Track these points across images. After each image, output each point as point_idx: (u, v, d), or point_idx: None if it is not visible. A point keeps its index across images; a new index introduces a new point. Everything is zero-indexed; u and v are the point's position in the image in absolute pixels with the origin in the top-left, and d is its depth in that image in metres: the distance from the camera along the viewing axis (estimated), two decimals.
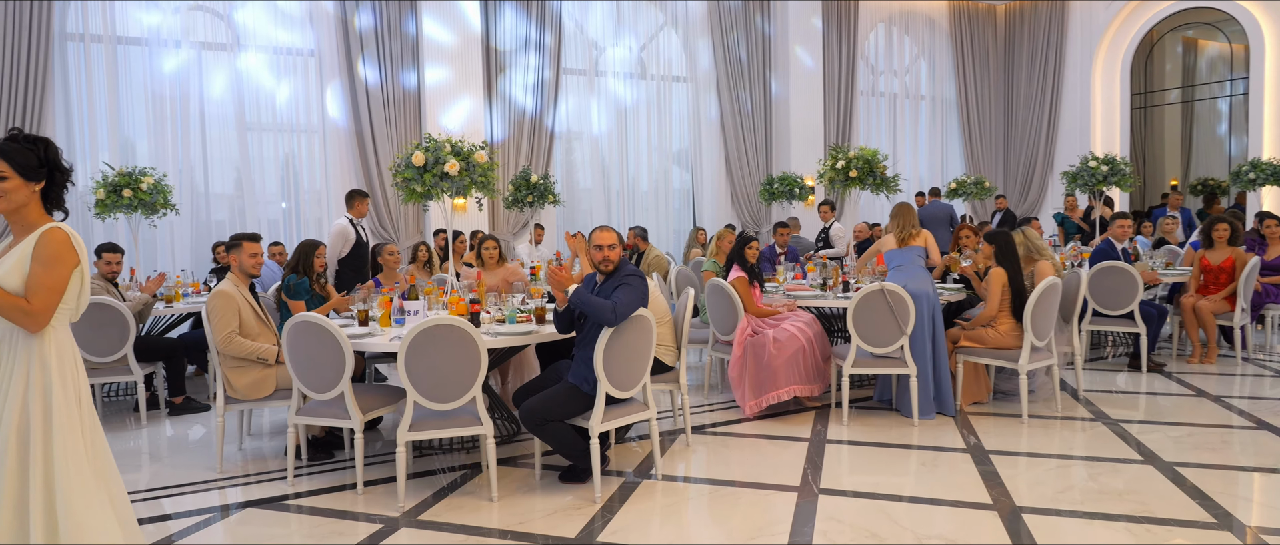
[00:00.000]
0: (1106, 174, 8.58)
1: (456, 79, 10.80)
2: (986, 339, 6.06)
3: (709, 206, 13.11)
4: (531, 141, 11.47)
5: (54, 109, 9.26)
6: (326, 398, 4.70)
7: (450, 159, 5.30)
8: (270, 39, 10.36)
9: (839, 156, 7.15)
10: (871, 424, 5.92)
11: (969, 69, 15.00)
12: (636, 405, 4.78)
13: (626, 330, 4.52)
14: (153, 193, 7.41)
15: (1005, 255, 6.06)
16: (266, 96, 10.42)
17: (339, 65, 10.53)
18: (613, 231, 4.72)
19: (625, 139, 12.72)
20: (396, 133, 10.63)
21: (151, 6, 9.72)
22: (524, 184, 9.16)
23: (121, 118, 9.67)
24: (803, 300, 6.60)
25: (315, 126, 10.65)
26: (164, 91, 9.78)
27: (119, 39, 9.64)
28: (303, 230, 10.65)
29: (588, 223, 12.38)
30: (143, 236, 8.86)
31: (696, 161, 13.27)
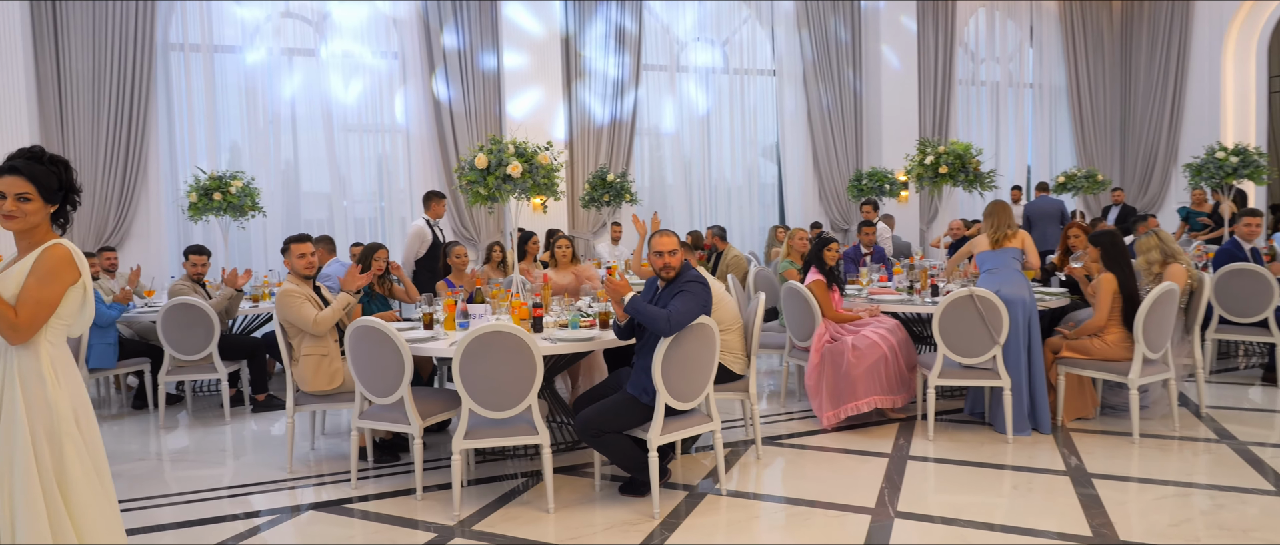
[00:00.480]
0: (1237, 166, 7.80)
1: (536, 77, 10.73)
2: (1092, 350, 5.55)
3: (796, 203, 12.68)
4: (611, 138, 11.31)
5: (158, 115, 9.62)
6: (387, 402, 4.64)
7: (513, 161, 5.16)
8: (355, 40, 10.52)
9: (928, 151, 6.69)
10: (960, 439, 5.51)
11: (1081, 53, 14.04)
12: (699, 417, 4.54)
13: (687, 339, 4.29)
14: (241, 195, 7.57)
15: (1113, 258, 5.53)
16: (352, 98, 10.58)
17: (421, 66, 10.61)
18: (672, 236, 4.49)
19: (708, 135, 12.41)
20: (476, 132, 10.65)
21: (244, 14, 10.00)
22: (600, 183, 8.99)
23: (218, 122, 9.99)
24: (886, 305, 6.21)
25: (399, 127, 10.76)
26: (257, 96, 10.05)
27: (215, 47, 9.96)
28: (389, 229, 10.80)
29: (668, 222, 12.14)
30: (237, 238, 9.12)
31: (782, 157, 12.86)
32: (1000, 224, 5.90)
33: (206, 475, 5.24)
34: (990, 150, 13.91)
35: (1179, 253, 5.83)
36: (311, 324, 5.09)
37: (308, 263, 5.34)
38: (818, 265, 6.18)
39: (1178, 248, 5.86)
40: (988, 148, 13.86)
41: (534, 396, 4.30)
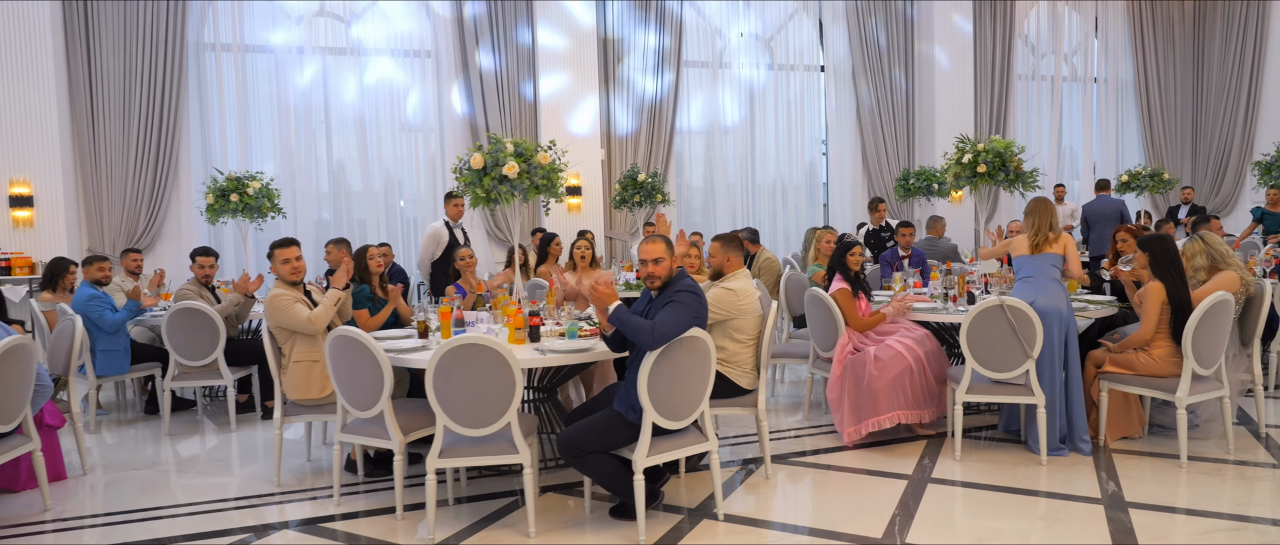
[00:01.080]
0: None
1: (572, 74, 10.51)
2: (1137, 365, 5.08)
3: (845, 204, 12.23)
4: (650, 137, 11.03)
5: (189, 116, 9.66)
6: (368, 416, 4.43)
7: (510, 161, 4.92)
8: (386, 43, 10.45)
9: (965, 149, 6.25)
10: (991, 459, 5.09)
11: (1150, 46, 13.25)
12: (692, 436, 4.23)
13: (677, 352, 3.99)
14: (258, 197, 7.50)
15: (1163, 265, 5.05)
16: (385, 98, 10.52)
17: (455, 66, 10.49)
18: (659, 243, 4.18)
19: (752, 133, 12.05)
20: (510, 130, 10.47)
21: (277, 14, 9.99)
22: (631, 183, 8.71)
23: (250, 122, 10.00)
24: (917, 314, 5.79)
25: (433, 127, 10.65)
26: (288, 97, 10.04)
27: (249, 47, 9.97)
28: (421, 230, 10.69)
29: (708, 221, 11.81)
30: (263, 239, 9.06)
31: (830, 156, 12.41)
32: (1041, 225, 5.39)
33: (194, 487, 5.11)
34: (1051, 148, 13.25)
35: (1229, 258, 5.31)
36: (306, 323, 4.93)
37: (293, 269, 5.18)
38: (841, 271, 5.82)
39: (1227, 251, 5.34)
40: (1048, 146, 13.22)
41: (513, 413, 4.04)
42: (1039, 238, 5.35)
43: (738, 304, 4.75)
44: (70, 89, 9.06)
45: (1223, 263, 5.36)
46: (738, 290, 4.77)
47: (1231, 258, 5.35)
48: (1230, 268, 5.34)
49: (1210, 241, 5.42)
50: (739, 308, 4.72)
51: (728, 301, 4.72)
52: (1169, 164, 13.32)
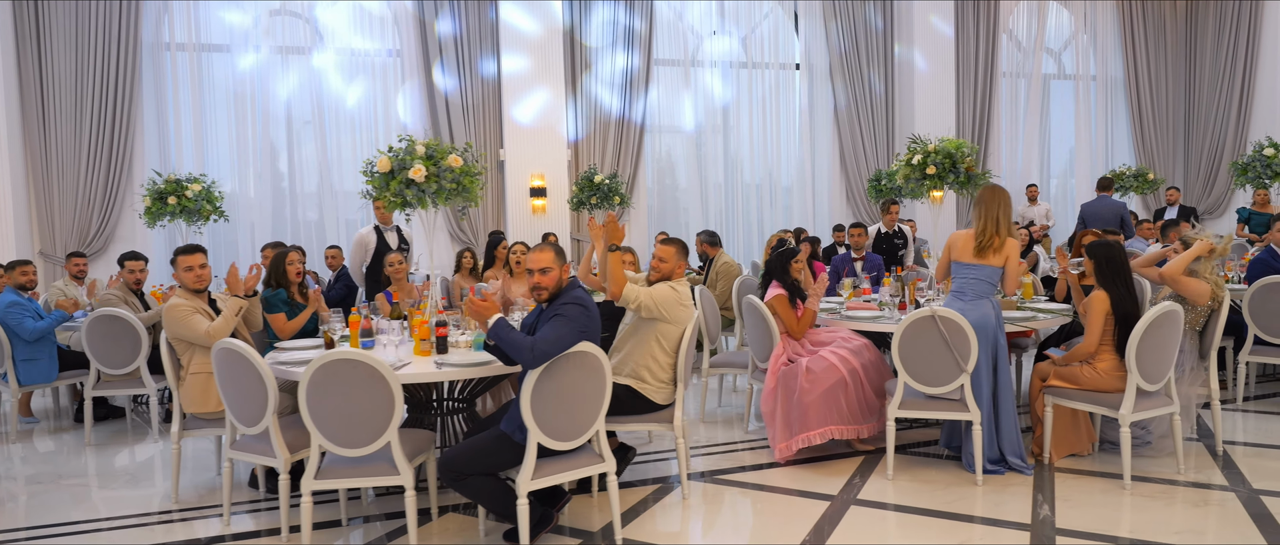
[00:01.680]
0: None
1: (537, 73, 10.25)
2: (1081, 378, 4.79)
3: (821, 205, 11.93)
4: (618, 137, 10.78)
5: (145, 117, 9.49)
6: (254, 432, 4.21)
7: (416, 164, 4.69)
8: (350, 40, 10.24)
9: (916, 149, 5.95)
10: (925, 479, 4.81)
11: (1140, 42, 12.86)
12: (587, 457, 3.97)
13: (566, 369, 3.74)
14: (198, 200, 7.30)
15: (1109, 274, 4.76)
16: (347, 98, 10.30)
17: (418, 63, 10.26)
18: (548, 251, 3.93)
19: (726, 133, 11.77)
20: (475, 130, 10.26)
21: (235, 12, 9.80)
22: (588, 184, 8.45)
23: (207, 123, 9.81)
24: (856, 322, 5.51)
25: (395, 126, 10.43)
26: (247, 95, 9.85)
27: (207, 47, 9.79)
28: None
29: (680, 223, 11.53)
30: (225, 242, 8.91)
31: (808, 156, 12.11)
32: (988, 220, 4.79)
33: (90, 503, 4.90)
34: (1038, 147, 12.89)
35: (1199, 267, 5.02)
36: (204, 335, 4.71)
37: (196, 276, 4.97)
38: (779, 278, 5.55)
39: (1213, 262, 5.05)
40: (1034, 145, 12.86)
41: (393, 432, 3.80)
42: (985, 238, 4.82)
43: (678, 303, 4.52)
44: (20, 89, 8.90)
45: (1201, 270, 5.06)
46: (680, 292, 4.54)
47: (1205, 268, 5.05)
48: (1203, 277, 5.04)
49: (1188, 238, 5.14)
50: (678, 310, 4.49)
51: (670, 299, 4.49)
52: (1160, 164, 12.95)
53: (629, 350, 4.60)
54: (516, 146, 10.14)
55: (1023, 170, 12.87)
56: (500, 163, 10.38)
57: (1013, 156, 12.87)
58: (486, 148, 10.35)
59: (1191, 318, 5.11)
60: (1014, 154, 12.90)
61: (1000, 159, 12.59)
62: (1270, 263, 6.15)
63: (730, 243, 11.62)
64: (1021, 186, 12.74)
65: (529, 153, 10.11)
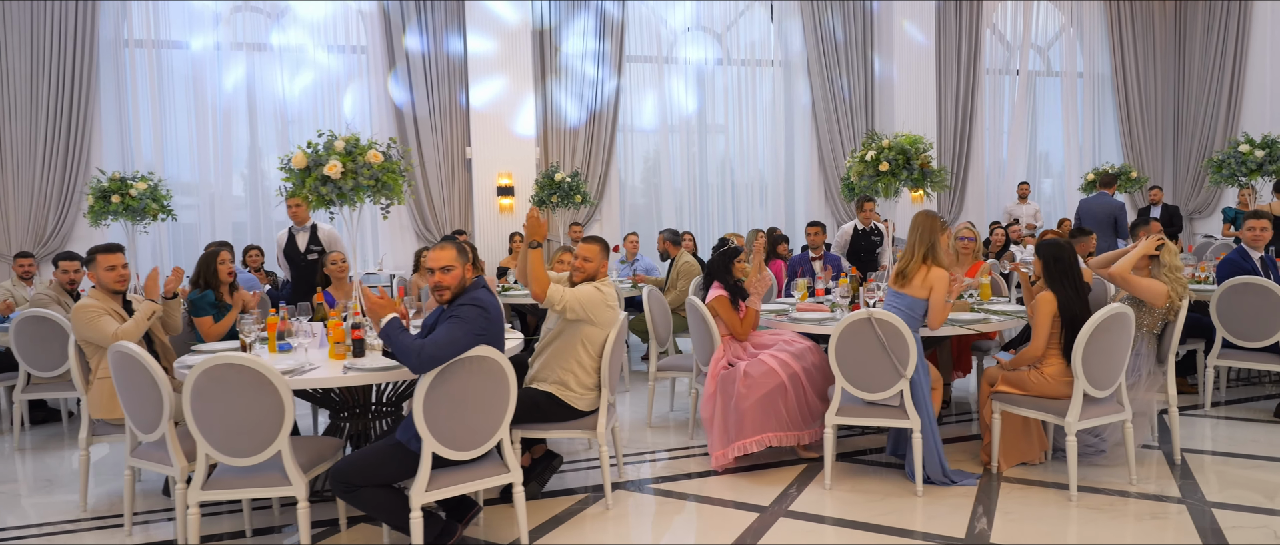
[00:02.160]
0: (1263, 162, 6.56)
1: (505, 69, 10.03)
2: (1028, 384, 4.57)
3: (799, 204, 11.70)
4: (589, 135, 10.57)
5: (103, 114, 9.32)
6: (151, 439, 4.02)
7: (332, 160, 4.49)
8: (313, 37, 10.05)
9: (870, 145, 5.73)
10: (865, 489, 4.59)
11: (1128, 39, 12.57)
12: (490, 466, 3.77)
13: (463, 374, 3.54)
14: (143, 198, 7.12)
15: (1057, 274, 4.53)
16: (310, 97, 10.13)
17: (384, 62, 10.07)
18: (450, 249, 3.72)
19: (702, 131, 11.53)
20: (441, 130, 10.06)
21: (195, 10, 9.64)
22: (548, 183, 8.24)
23: (166, 120, 9.65)
24: (803, 324, 5.28)
25: (361, 123, 10.24)
26: (207, 92, 9.68)
27: (167, 43, 9.63)
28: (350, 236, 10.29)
29: (653, 222, 11.31)
30: (182, 242, 8.74)
31: (787, 154, 11.87)
32: (914, 247, 4.60)
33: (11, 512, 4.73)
34: (1023, 145, 12.63)
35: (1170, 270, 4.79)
36: (111, 338, 4.53)
37: (118, 277, 4.79)
38: (721, 279, 5.33)
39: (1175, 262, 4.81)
40: (1020, 142, 12.60)
41: (284, 440, 3.61)
42: (904, 265, 4.61)
43: (604, 305, 4.32)
44: None
45: (1160, 272, 4.83)
46: (606, 293, 4.34)
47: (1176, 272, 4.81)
48: (1163, 279, 4.81)
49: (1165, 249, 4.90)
50: (603, 312, 4.29)
51: (595, 300, 4.30)
52: (1148, 162, 12.67)
53: (552, 355, 4.40)
54: (483, 144, 9.95)
55: (1008, 168, 12.62)
56: (467, 161, 10.19)
57: (997, 154, 12.62)
58: (453, 146, 10.16)
59: (1149, 321, 4.88)
60: (999, 152, 12.64)
61: (984, 156, 12.34)
62: (1240, 263, 5.90)
63: (705, 242, 11.40)
64: (1006, 184, 12.50)
65: (496, 151, 9.92)
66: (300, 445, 3.96)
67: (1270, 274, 5.87)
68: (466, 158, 10.17)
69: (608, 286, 4.44)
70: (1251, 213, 6.07)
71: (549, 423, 4.37)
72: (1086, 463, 4.83)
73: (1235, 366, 5.89)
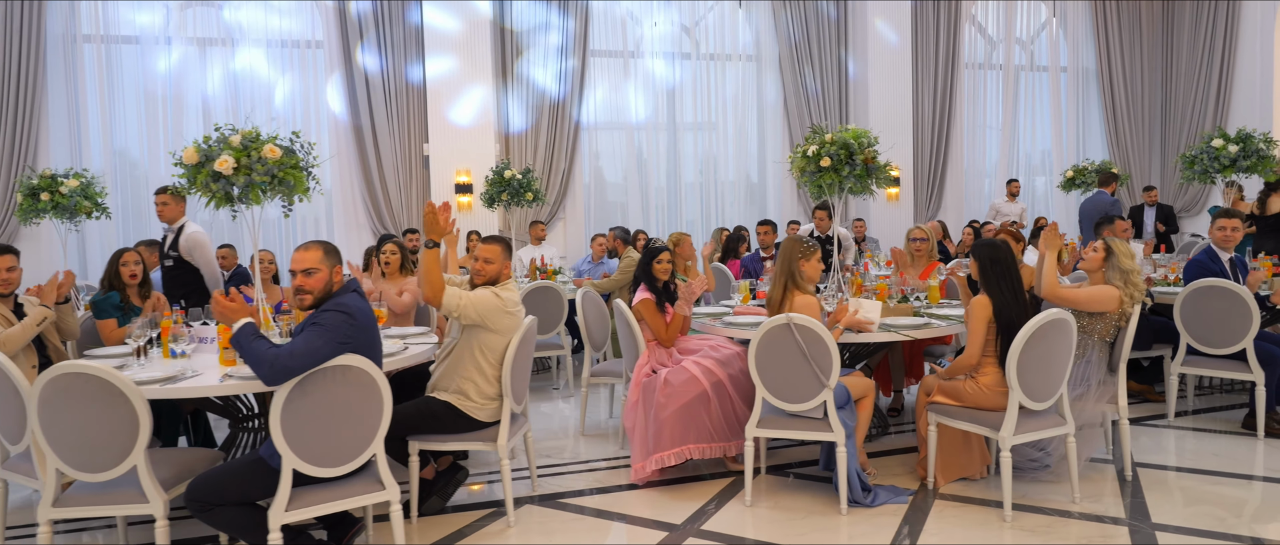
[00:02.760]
0: (1236, 157, 6.23)
1: (464, 65, 9.77)
2: (964, 394, 4.28)
3: (770, 202, 11.40)
4: (552, 132, 10.30)
5: (50, 111, 9.08)
6: (18, 450, 3.77)
7: (223, 155, 4.23)
8: (265, 31, 9.82)
9: (812, 140, 5.43)
10: (788, 506, 4.31)
11: (1114, 33, 12.23)
12: (363, 483, 3.50)
13: (327, 385, 3.28)
14: (72, 196, 6.87)
15: (992, 277, 4.25)
16: (263, 91, 9.90)
17: (338, 57, 9.81)
18: (314, 249, 3.46)
19: (671, 128, 11.23)
20: (398, 127, 9.81)
21: (146, 5, 9.41)
22: (498, 180, 7.98)
23: (114, 117, 9.41)
24: (737, 329, 4.99)
25: (315, 121, 10.00)
26: (157, 89, 9.45)
27: (118, 38, 9.39)
28: (302, 233, 10.07)
29: (619, 221, 11.01)
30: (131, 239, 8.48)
31: (759, 152, 11.57)
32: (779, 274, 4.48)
33: None
34: (1005, 141, 12.30)
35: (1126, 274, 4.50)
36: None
37: (4, 280, 4.56)
38: (646, 281, 5.06)
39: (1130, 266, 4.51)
40: (1002, 139, 12.27)
41: (140, 454, 3.35)
42: (775, 293, 4.48)
43: (503, 311, 4.04)
44: None
45: (1114, 275, 4.54)
46: (505, 298, 4.07)
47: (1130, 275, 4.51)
48: (1116, 283, 4.51)
49: (1112, 243, 4.60)
50: (502, 319, 4.01)
51: (493, 307, 4.01)
52: (1135, 158, 12.33)
53: (451, 362, 4.13)
54: (442, 141, 9.69)
55: (987, 165, 12.30)
56: (424, 158, 9.93)
57: (975, 150, 12.29)
58: (410, 142, 9.90)
59: (1101, 327, 4.59)
60: (977, 148, 12.31)
61: (963, 154, 12.02)
62: (1208, 265, 5.59)
63: None
64: (987, 181, 12.18)
65: (455, 148, 9.66)
66: (166, 458, 3.71)
67: (1240, 277, 5.56)
68: (424, 155, 9.91)
69: (508, 290, 4.16)
70: (1222, 211, 5.76)
71: (447, 434, 4.11)
72: (1029, 478, 4.54)
73: (1201, 374, 5.57)
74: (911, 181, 11.25)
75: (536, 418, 6.28)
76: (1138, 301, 4.54)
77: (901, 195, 11.09)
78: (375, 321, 3.52)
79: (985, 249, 4.30)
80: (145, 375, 3.82)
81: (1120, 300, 4.49)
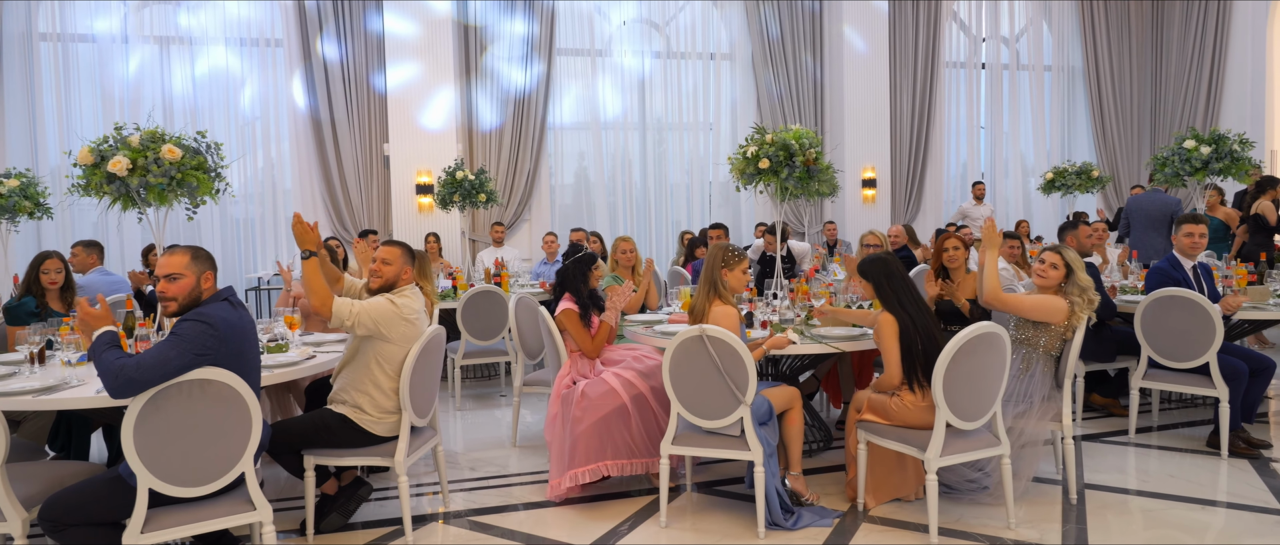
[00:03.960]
0: (1208, 159, 5.95)
1: (426, 64, 9.52)
2: (891, 411, 4.05)
3: (743, 204, 11.15)
4: (517, 131, 10.08)
5: (6, 109, 8.93)
6: None
7: (117, 156, 4.04)
8: (222, 31, 9.65)
9: (753, 140, 5.18)
10: (704, 528, 4.08)
11: (1101, 31, 11.92)
12: (231, 503, 3.29)
13: (184, 399, 3.07)
14: (11, 196, 6.70)
15: (889, 295, 4.03)
16: (221, 90, 9.73)
17: (297, 55, 9.62)
18: (181, 254, 3.25)
19: (642, 125, 10.97)
20: (358, 125, 9.62)
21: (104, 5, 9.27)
22: (450, 181, 7.77)
23: (72, 116, 9.26)
24: (661, 340, 4.75)
25: (273, 120, 9.82)
26: (114, 88, 9.29)
27: (72, 36, 9.25)
28: (261, 235, 9.89)
29: (584, 223, 10.79)
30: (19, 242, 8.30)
31: (731, 151, 11.30)
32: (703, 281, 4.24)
33: None
34: (987, 140, 12.01)
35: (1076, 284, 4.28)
36: None
37: None
38: (572, 290, 4.84)
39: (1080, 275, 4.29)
40: (984, 138, 11.99)
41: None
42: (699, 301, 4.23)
43: (400, 318, 3.82)
44: None
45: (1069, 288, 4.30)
46: (402, 305, 3.84)
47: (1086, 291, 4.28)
48: (1072, 297, 4.27)
49: (1068, 257, 4.36)
50: (399, 326, 3.79)
51: (388, 314, 3.79)
52: (1123, 159, 12.04)
53: (348, 374, 3.92)
54: (402, 141, 9.47)
55: (971, 165, 12.03)
56: (385, 158, 9.74)
57: (958, 151, 12.02)
58: (370, 142, 9.71)
59: (1046, 341, 4.35)
60: (960, 148, 12.05)
61: (943, 155, 11.75)
62: (1170, 273, 5.31)
63: (646, 243, 10.90)
64: (968, 183, 11.92)
65: (415, 147, 9.44)
66: (33, 473, 3.52)
67: (1204, 286, 5.30)
68: (384, 155, 9.72)
69: (406, 296, 3.94)
70: (1188, 217, 5.47)
71: (343, 448, 3.90)
72: (968, 501, 4.30)
73: (1164, 388, 5.31)
74: (888, 183, 10.99)
75: (476, 427, 6.08)
76: (1086, 314, 4.31)
77: (878, 197, 10.82)
78: (247, 332, 3.30)
79: (876, 266, 4.08)
80: (20, 385, 3.64)
81: (1067, 313, 4.26)
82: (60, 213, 8.24)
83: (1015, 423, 4.30)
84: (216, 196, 4.44)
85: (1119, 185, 12.04)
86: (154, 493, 3.09)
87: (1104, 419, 5.80)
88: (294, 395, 4.98)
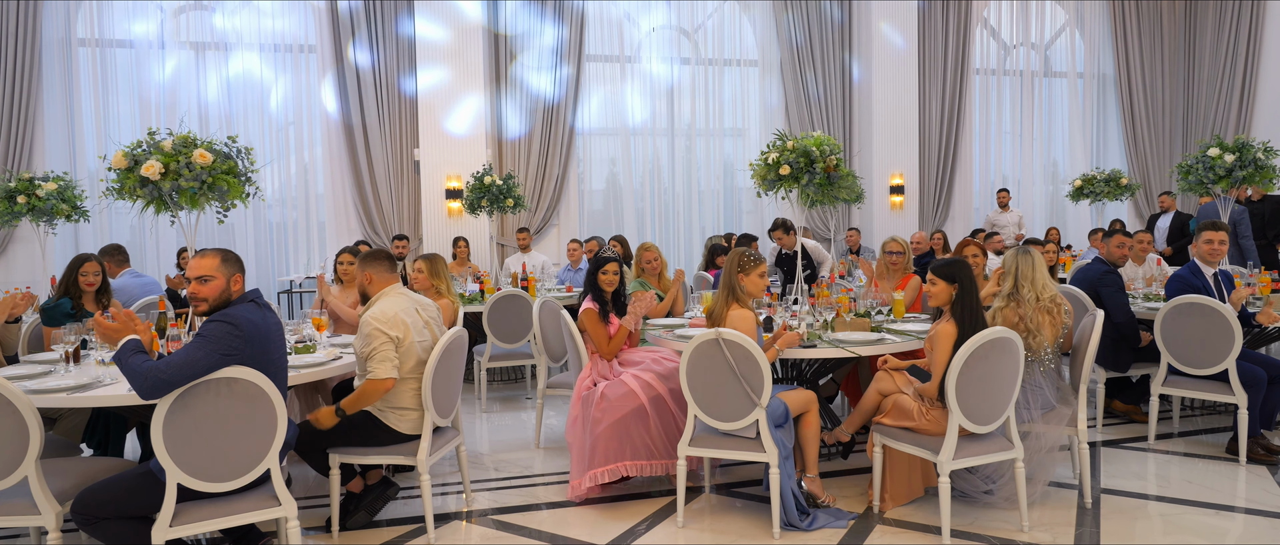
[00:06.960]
0: (1232, 167, 5.92)
1: (455, 71, 9.67)
2: (911, 415, 4.07)
3: (769, 209, 11.17)
4: (546, 137, 10.19)
5: (47, 114, 9.19)
6: None
7: (150, 160, 4.18)
8: (257, 37, 9.86)
9: (775, 146, 5.23)
10: (721, 529, 4.14)
11: (1133, 38, 11.83)
12: (257, 498, 3.40)
13: (211, 398, 3.18)
14: (49, 199, 6.91)
15: (964, 302, 4.01)
16: (255, 95, 9.94)
17: (330, 61, 9.81)
18: (211, 256, 3.37)
19: (673, 132, 11.05)
20: (389, 130, 9.78)
21: (141, 8, 9.50)
22: (479, 187, 7.87)
23: (109, 120, 9.51)
24: (682, 343, 4.82)
25: (306, 125, 10.01)
26: (150, 94, 9.53)
27: (109, 42, 9.50)
28: (291, 236, 10.08)
29: (614, 228, 10.87)
30: (147, 244, 8.54)
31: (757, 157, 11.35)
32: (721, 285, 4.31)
33: None
34: (1017, 148, 11.96)
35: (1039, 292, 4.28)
36: None
37: None
38: (593, 292, 4.92)
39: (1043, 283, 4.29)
40: (1015, 145, 11.93)
41: (31, 464, 3.29)
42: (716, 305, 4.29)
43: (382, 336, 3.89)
44: None
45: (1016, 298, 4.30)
46: (376, 314, 3.93)
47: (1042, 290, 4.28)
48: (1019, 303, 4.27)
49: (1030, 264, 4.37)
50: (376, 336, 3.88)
51: (373, 344, 3.86)
52: (1155, 167, 11.91)
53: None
54: (433, 147, 9.63)
55: (1001, 172, 11.96)
56: (415, 163, 9.89)
57: (987, 158, 11.97)
58: (402, 148, 9.87)
59: (1036, 348, 4.35)
60: (990, 155, 11.99)
61: (973, 161, 11.70)
62: (1190, 280, 5.29)
63: (675, 250, 10.96)
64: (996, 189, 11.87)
65: (445, 153, 9.59)
66: (66, 469, 3.65)
67: (1224, 293, 5.27)
68: (414, 160, 9.88)
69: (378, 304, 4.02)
70: (1208, 224, 5.45)
71: (368, 446, 4.01)
72: (982, 504, 4.32)
73: (1184, 395, 5.28)
74: (917, 190, 10.97)
75: (501, 428, 6.18)
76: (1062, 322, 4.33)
77: (906, 204, 10.81)
78: (272, 333, 3.41)
79: (964, 272, 4.03)
80: (56, 383, 3.79)
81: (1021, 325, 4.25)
82: (97, 216, 8.47)
83: (1028, 428, 4.31)
84: (247, 200, 4.58)
85: (1149, 193, 11.92)
86: (182, 487, 3.20)
87: (1125, 425, 5.78)
88: (322, 395, 5.10)
